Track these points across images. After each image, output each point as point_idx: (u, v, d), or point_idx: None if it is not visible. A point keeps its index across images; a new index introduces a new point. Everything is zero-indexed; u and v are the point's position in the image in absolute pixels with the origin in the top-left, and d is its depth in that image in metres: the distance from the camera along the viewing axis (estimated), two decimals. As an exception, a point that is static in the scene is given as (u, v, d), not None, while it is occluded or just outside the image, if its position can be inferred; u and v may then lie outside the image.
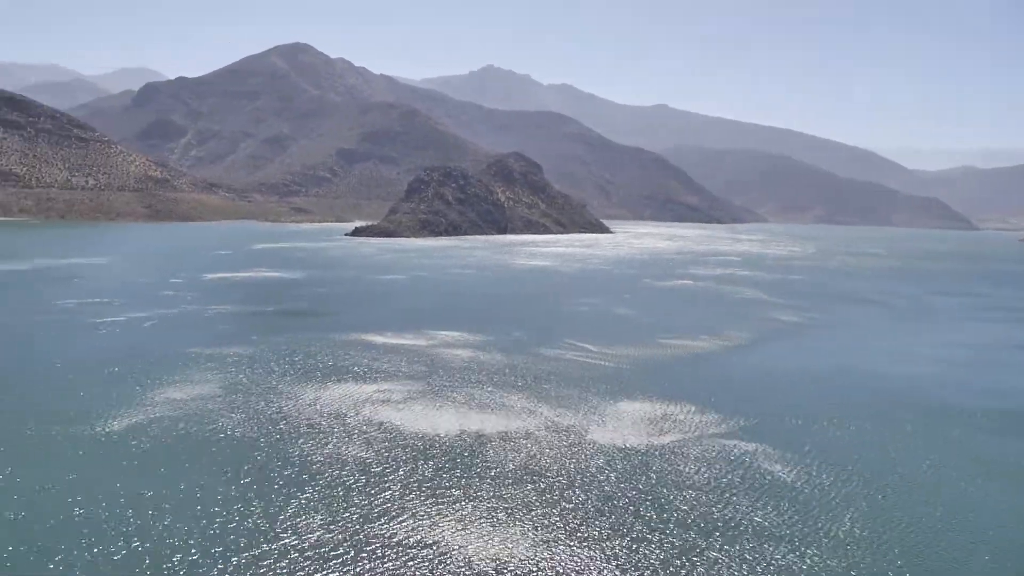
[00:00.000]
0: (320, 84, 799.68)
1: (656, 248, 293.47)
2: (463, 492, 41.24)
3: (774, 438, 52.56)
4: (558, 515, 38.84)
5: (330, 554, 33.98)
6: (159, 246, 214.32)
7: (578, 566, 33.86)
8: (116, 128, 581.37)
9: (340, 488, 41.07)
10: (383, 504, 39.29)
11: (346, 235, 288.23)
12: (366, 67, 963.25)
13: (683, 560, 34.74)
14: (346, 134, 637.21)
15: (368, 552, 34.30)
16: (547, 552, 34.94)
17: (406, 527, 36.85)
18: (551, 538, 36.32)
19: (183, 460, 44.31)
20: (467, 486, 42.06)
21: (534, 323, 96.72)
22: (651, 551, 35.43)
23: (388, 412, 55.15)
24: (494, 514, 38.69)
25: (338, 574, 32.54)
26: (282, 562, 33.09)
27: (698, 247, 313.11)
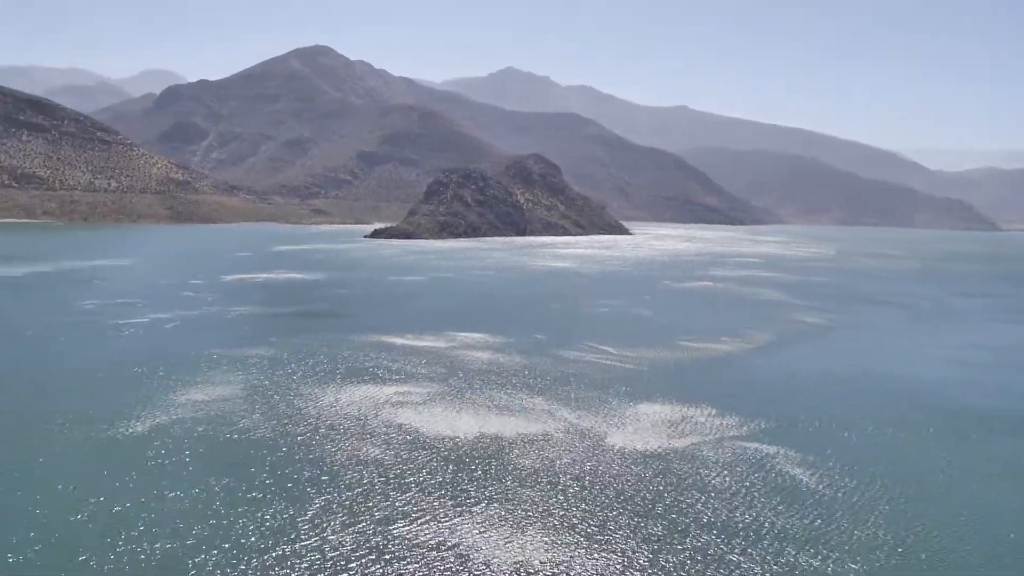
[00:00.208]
0: (340, 86, 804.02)
1: (676, 250, 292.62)
2: (483, 494, 41.29)
3: (795, 441, 52.25)
4: (578, 518, 38.79)
5: (350, 555, 34.10)
6: (181, 248, 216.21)
7: (598, 569, 33.78)
8: (138, 131, 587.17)
9: (360, 490, 41.24)
10: (403, 506, 39.40)
11: (366, 237, 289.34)
12: (386, 69, 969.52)
13: (704, 563, 34.57)
14: (366, 136, 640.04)
15: (388, 554, 34.40)
16: (567, 555, 34.89)
17: (426, 529, 36.93)
18: (571, 541, 36.27)
19: (205, 461, 44.65)
20: (487, 488, 42.11)
21: (554, 325, 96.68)
22: (672, 555, 35.30)
23: (408, 414, 55.33)
24: (513, 517, 38.69)
25: None
26: (302, 564, 33.25)
27: (718, 249, 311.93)
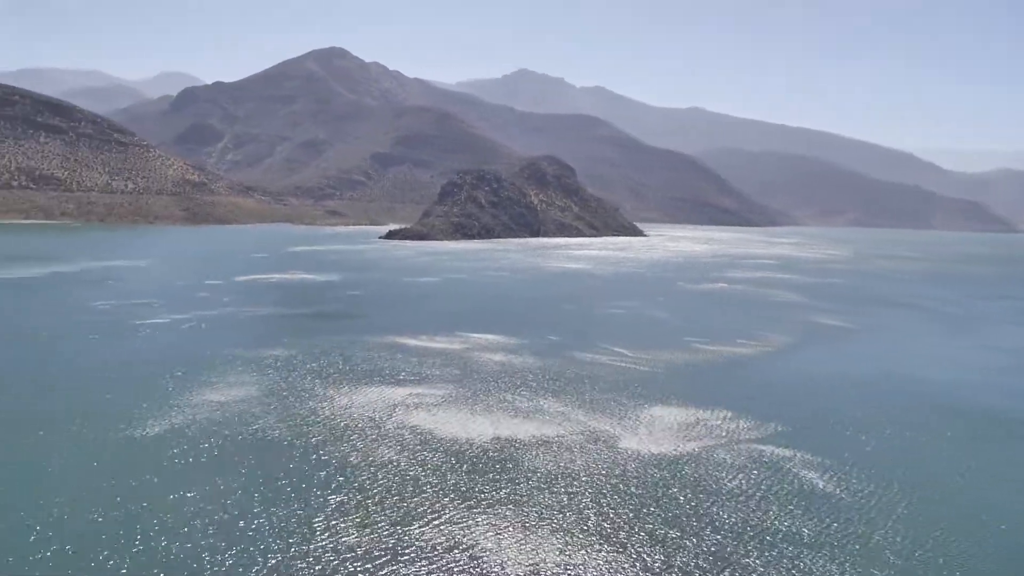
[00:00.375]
0: (355, 88, 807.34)
1: (690, 251, 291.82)
2: (497, 496, 41.24)
3: (812, 444, 51.91)
4: (592, 521, 38.68)
5: (364, 557, 34.12)
6: (196, 249, 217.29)
7: (612, 572, 33.66)
8: (155, 132, 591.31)
9: (374, 491, 41.27)
10: (417, 508, 39.40)
11: (380, 238, 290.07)
12: (400, 71, 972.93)
13: (719, 567, 34.39)
14: (380, 138, 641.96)
15: (403, 555, 34.41)
16: (580, 558, 34.78)
17: (440, 531, 36.91)
18: (585, 543, 36.16)
19: (220, 461, 44.81)
20: (501, 491, 42.05)
21: (568, 326, 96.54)
22: (686, 558, 35.14)
23: (422, 415, 55.35)
24: (528, 519, 38.61)
25: (373, 577, 32.72)
26: (317, 564, 33.30)
27: (733, 250, 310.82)
